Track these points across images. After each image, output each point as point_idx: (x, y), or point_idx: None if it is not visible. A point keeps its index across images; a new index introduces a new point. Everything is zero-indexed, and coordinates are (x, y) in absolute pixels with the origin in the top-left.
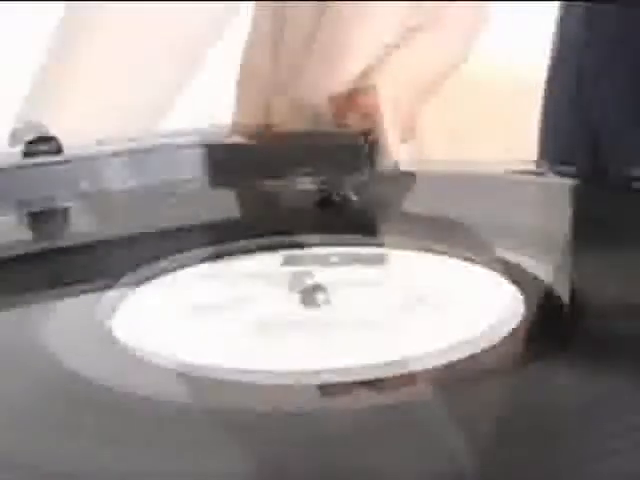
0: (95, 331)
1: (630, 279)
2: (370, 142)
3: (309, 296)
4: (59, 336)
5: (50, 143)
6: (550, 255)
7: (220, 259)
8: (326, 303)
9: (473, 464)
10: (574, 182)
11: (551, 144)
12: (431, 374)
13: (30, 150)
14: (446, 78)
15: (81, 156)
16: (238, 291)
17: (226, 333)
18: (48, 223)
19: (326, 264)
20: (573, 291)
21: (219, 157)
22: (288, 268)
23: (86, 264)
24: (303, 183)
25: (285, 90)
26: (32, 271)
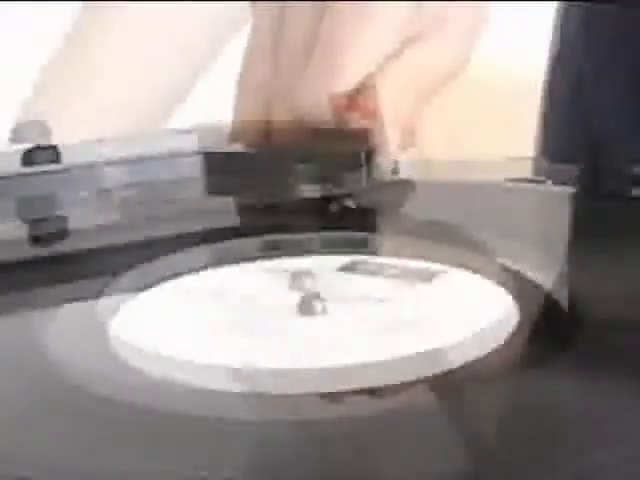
0: (94, 336)
1: (629, 287)
2: (368, 150)
3: (307, 305)
4: (58, 341)
5: (49, 151)
6: (548, 264)
7: (220, 264)
8: (323, 313)
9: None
10: (572, 190)
11: (551, 144)
12: (425, 381)
13: (29, 158)
14: (448, 80)
15: (80, 164)
16: (239, 295)
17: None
18: (47, 229)
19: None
20: (571, 299)
21: (217, 164)
22: (291, 276)
23: (85, 269)
24: (302, 191)
25: (285, 94)
26: (31, 276)
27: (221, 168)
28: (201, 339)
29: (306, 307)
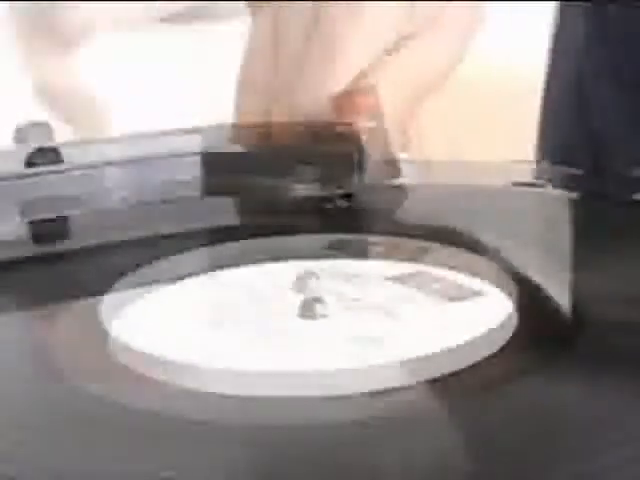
0: (95, 336)
1: (630, 292)
2: (360, 152)
3: (307, 307)
4: (59, 343)
5: (51, 154)
6: (548, 268)
7: (220, 266)
8: (323, 316)
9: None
10: (573, 195)
11: (550, 144)
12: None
13: (31, 160)
14: (443, 79)
15: (80, 164)
16: (238, 297)
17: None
18: (49, 231)
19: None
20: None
21: (216, 164)
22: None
23: (86, 270)
24: (295, 190)
25: (284, 93)
26: (33, 277)
27: (218, 167)
28: (201, 339)
29: (307, 310)
